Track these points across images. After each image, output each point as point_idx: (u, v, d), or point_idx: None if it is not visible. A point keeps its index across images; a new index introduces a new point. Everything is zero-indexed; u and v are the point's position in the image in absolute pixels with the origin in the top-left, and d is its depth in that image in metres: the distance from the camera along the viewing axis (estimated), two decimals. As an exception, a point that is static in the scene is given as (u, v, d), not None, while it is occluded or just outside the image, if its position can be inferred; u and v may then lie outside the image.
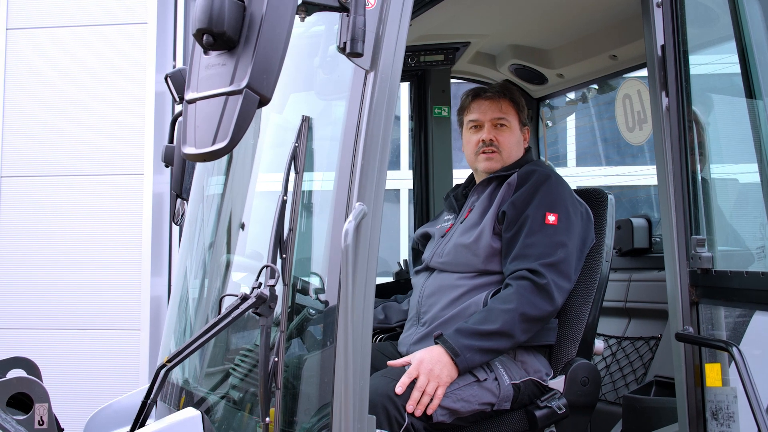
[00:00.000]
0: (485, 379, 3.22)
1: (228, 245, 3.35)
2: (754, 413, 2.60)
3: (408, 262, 5.00)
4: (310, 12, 2.46)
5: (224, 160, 3.44)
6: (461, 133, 3.89)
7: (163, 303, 8.06)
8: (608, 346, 4.68)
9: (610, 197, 3.74)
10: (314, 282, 2.78)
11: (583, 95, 5.21)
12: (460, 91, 3.98)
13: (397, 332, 3.84)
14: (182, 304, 3.57)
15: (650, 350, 4.40)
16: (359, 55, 2.49)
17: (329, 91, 3.02)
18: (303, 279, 2.79)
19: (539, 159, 5.25)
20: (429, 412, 3.07)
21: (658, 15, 3.19)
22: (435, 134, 5.12)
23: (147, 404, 2.78)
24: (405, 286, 4.26)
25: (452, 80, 5.20)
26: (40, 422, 2.67)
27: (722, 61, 3.27)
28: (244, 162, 3.35)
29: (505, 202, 3.53)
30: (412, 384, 3.07)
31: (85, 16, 8.18)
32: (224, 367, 3.12)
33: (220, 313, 2.63)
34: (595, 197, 3.73)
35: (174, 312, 3.63)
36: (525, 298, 3.25)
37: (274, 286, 2.52)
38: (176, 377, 3.30)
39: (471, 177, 3.93)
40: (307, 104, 3.08)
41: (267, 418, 2.53)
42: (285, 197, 2.64)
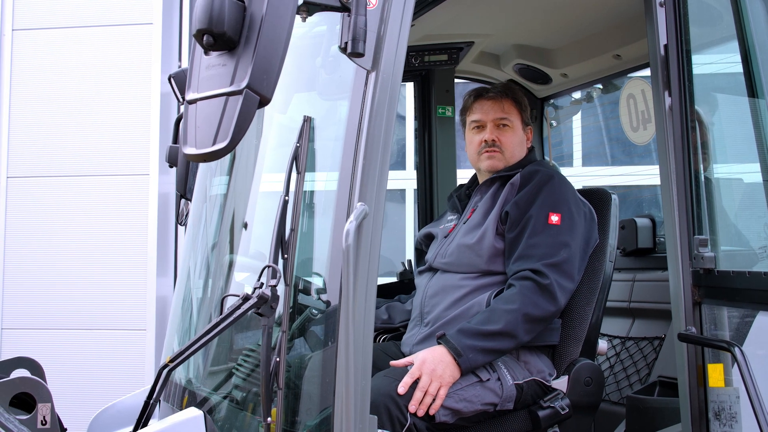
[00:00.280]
0: (488, 380, 3.22)
1: (230, 245, 3.35)
2: (756, 414, 2.60)
3: (412, 262, 5.00)
4: (312, 12, 2.45)
5: (226, 161, 3.44)
6: (464, 133, 3.88)
7: (168, 303, 8.06)
8: (612, 347, 4.67)
9: (614, 197, 3.73)
10: (316, 282, 2.78)
11: (587, 95, 5.20)
12: (465, 91, 3.98)
13: (400, 332, 3.84)
14: (185, 304, 3.58)
15: (654, 350, 4.39)
16: (360, 55, 2.48)
17: (331, 91, 3.01)
18: (305, 279, 2.79)
19: (543, 159, 5.25)
20: (431, 412, 3.06)
21: (660, 14, 3.18)
22: (439, 134, 5.12)
23: (149, 404, 2.78)
24: (409, 286, 4.25)
25: (456, 80, 5.20)
26: (43, 422, 2.67)
27: (725, 61, 3.26)
28: (246, 162, 3.35)
29: (508, 203, 3.52)
30: (414, 384, 3.06)
31: (90, 17, 8.19)
32: (227, 367, 3.12)
33: (221, 314, 2.63)
34: (598, 197, 3.72)
35: (177, 312, 3.63)
36: (528, 298, 3.24)
37: (275, 286, 2.52)
38: (179, 377, 3.31)
39: (474, 177, 3.92)
40: (309, 104, 3.08)
41: (269, 418, 2.53)
42: (286, 197, 2.64)
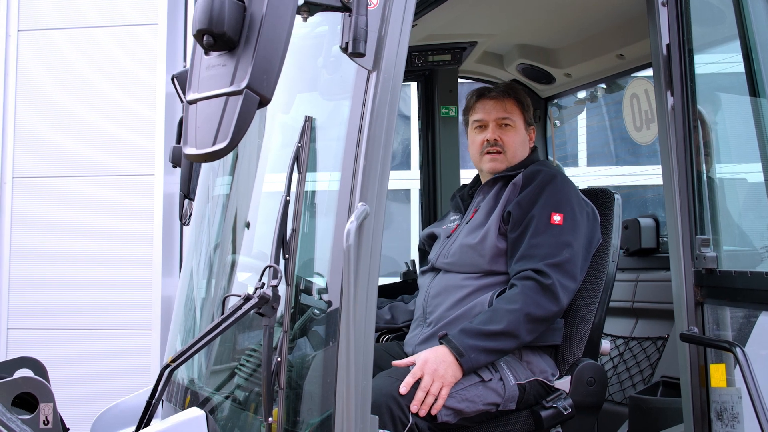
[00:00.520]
0: (490, 380, 3.21)
1: (231, 246, 3.35)
2: (757, 414, 2.59)
3: (416, 262, 5.00)
4: (313, 12, 2.45)
5: (228, 161, 3.44)
6: (467, 133, 3.88)
7: (173, 303, 8.07)
8: (616, 347, 4.67)
9: (617, 197, 3.72)
10: (317, 282, 2.78)
11: (591, 95, 5.19)
12: (468, 91, 3.97)
13: (403, 332, 3.84)
14: (187, 303, 3.58)
15: (657, 350, 4.38)
16: (361, 55, 2.47)
17: (332, 91, 3.01)
18: (306, 279, 2.79)
19: (545, 159, 5.24)
20: (433, 412, 3.06)
21: (663, 14, 3.18)
22: (442, 134, 5.12)
23: (151, 404, 2.79)
24: (412, 286, 4.25)
25: (460, 80, 5.19)
26: (45, 422, 2.68)
27: (728, 61, 3.25)
28: (247, 163, 3.36)
29: (510, 203, 3.51)
30: (416, 384, 3.06)
31: (95, 18, 8.20)
32: (229, 367, 3.12)
33: (223, 314, 2.64)
34: (601, 197, 3.72)
35: (179, 312, 3.64)
36: (530, 298, 3.24)
37: (276, 286, 2.52)
38: (182, 377, 3.31)
39: (477, 177, 3.92)
40: (310, 104, 3.08)
41: (270, 418, 2.54)
42: (288, 197, 2.64)
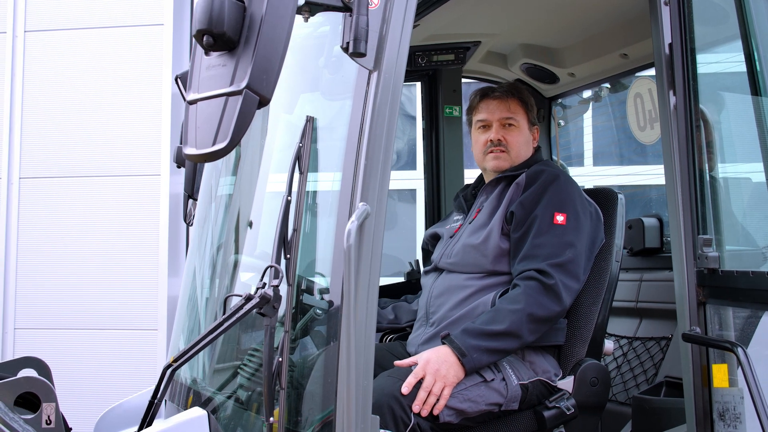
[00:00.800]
0: (492, 380, 3.21)
1: (232, 245, 3.36)
2: (758, 414, 2.58)
3: (420, 262, 5.00)
4: (314, 12, 2.45)
5: (230, 161, 3.45)
6: (470, 133, 3.88)
7: (179, 303, 8.08)
8: (619, 347, 4.66)
9: (620, 197, 3.71)
10: (318, 282, 2.78)
11: (595, 94, 5.18)
12: (472, 91, 3.97)
13: (407, 332, 3.84)
14: (190, 303, 3.59)
15: (661, 350, 4.38)
16: (362, 55, 2.48)
17: (333, 91, 3.01)
18: (307, 279, 2.79)
19: (549, 159, 5.24)
20: (435, 412, 3.06)
21: (665, 13, 3.17)
22: (446, 134, 5.12)
23: (154, 404, 2.79)
24: (416, 286, 4.25)
25: (464, 80, 5.19)
26: (48, 421, 2.69)
27: (730, 60, 3.24)
28: (248, 163, 3.36)
29: (513, 203, 3.51)
30: (418, 384, 3.06)
31: (101, 18, 8.22)
32: (231, 367, 3.13)
33: (224, 314, 2.64)
34: (605, 197, 3.71)
35: (182, 312, 3.65)
36: (533, 298, 3.23)
37: (278, 286, 2.52)
38: (184, 377, 3.32)
39: (480, 177, 3.91)
40: (311, 104, 3.08)
41: (271, 418, 2.54)
42: (289, 197, 2.64)
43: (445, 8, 3.96)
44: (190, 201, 4.24)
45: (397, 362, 3.21)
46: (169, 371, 2.75)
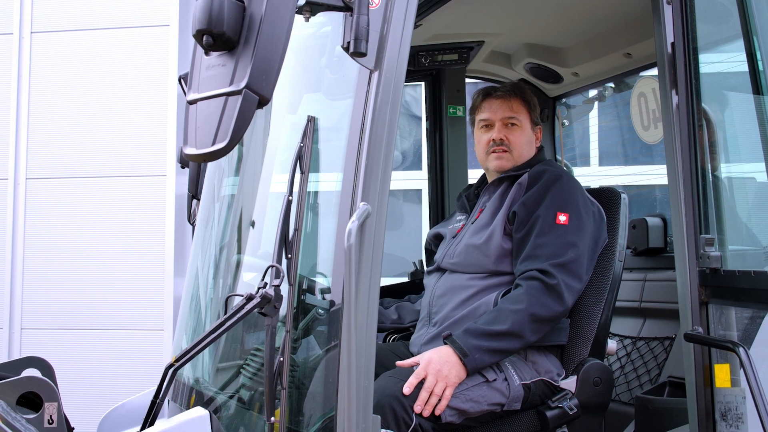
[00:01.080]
0: (494, 380, 3.20)
1: (234, 246, 3.36)
2: (759, 414, 2.57)
3: (424, 262, 5.00)
4: (315, 12, 2.46)
5: (231, 161, 3.45)
6: (473, 133, 3.87)
7: (184, 303, 8.08)
8: (623, 346, 4.65)
9: (624, 196, 3.70)
10: (320, 282, 2.78)
11: (599, 94, 5.17)
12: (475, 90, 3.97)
13: (410, 332, 3.83)
14: (192, 303, 3.60)
15: (664, 350, 4.37)
16: (363, 54, 2.47)
17: (334, 91, 3.02)
18: (308, 279, 2.79)
19: (554, 158, 5.23)
20: (437, 412, 3.06)
21: (667, 12, 3.17)
22: (450, 134, 5.11)
23: (156, 403, 2.80)
24: (419, 286, 4.25)
25: (468, 80, 5.19)
26: (50, 421, 2.69)
27: (733, 59, 3.23)
28: (249, 163, 3.36)
29: (515, 203, 3.50)
30: (420, 384, 3.06)
31: (107, 19, 8.23)
32: (233, 367, 3.13)
33: (226, 313, 2.64)
34: (608, 196, 3.70)
35: (185, 311, 3.65)
36: (535, 298, 3.23)
37: (279, 286, 2.53)
38: (186, 377, 3.32)
39: (483, 177, 3.91)
40: (312, 104, 3.08)
41: (272, 418, 2.54)
42: (290, 197, 2.65)
43: (448, 8, 3.95)
44: (194, 201, 4.24)
45: (398, 362, 3.21)
46: (170, 371, 2.76)
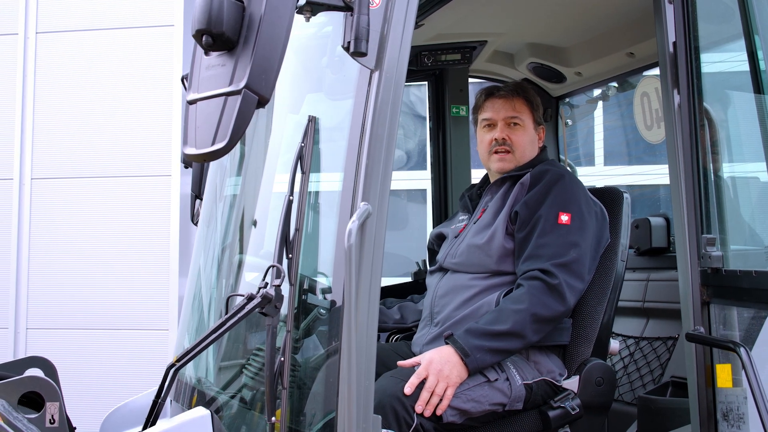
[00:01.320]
0: (496, 380, 3.20)
1: (234, 245, 3.36)
2: (760, 414, 2.57)
3: (426, 262, 4.99)
4: (315, 12, 2.46)
5: (232, 161, 3.45)
6: (476, 132, 3.87)
7: (189, 303, 8.09)
8: (626, 346, 4.64)
9: (626, 196, 3.70)
10: (320, 282, 2.78)
11: (603, 93, 5.16)
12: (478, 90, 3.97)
13: (413, 332, 3.83)
14: (195, 303, 3.60)
15: (668, 350, 4.36)
16: (363, 54, 2.48)
17: (334, 91, 3.02)
18: (309, 279, 2.79)
19: (558, 158, 5.22)
20: (438, 412, 3.05)
21: (669, 11, 3.16)
22: (453, 134, 5.11)
23: (157, 403, 2.80)
24: (423, 286, 4.24)
25: (471, 79, 5.18)
26: (51, 421, 2.69)
27: (734, 59, 3.22)
28: (250, 163, 3.37)
29: (518, 202, 3.50)
30: (421, 384, 3.06)
31: (112, 20, 8.26)
32: (234, 367, 3.13)
33: (227, 313, 2.64)
34: (610, 196, 3.69)
35: (187, 311, 3.66)
36: (536, 298, 3.22)
37: (279, 285, 2.53)
38: (189, 376, 3.33)
39: (486, 177, 3.91)
40: (312, 104, 3.08)
41: (273, 418, 2.54)
42: (291, 197, 2.65)
43: (451, 7, 3.95)
44: (197, 201, 4.24)
45: (400, 362, 3.21)
46: (171, 371, 2.76)
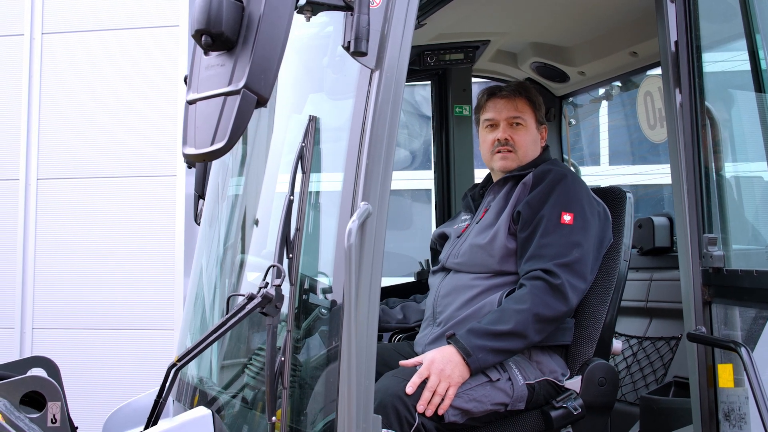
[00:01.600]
0: (498, 380, 3.20)
1: (236, 245, 3.37)
2: (761, 414, 2.56)
3: (429, 262, 4.99)
4: (316, 12, 2.46)
5: (235, 161, 3.46)
6: (478, 132, 3.87)
7: (194, 303, 8.10)
8: (629, 346, 4.63)
9: (629, 196, 3.69)
10: (321, 281, 2.78)
11: (606, 93, 5.15)
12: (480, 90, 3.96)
13: (415, 332, 3.83)
14: (196, 302, 3.61)
15: (671, 350, 4.35)
16: (363, 54, 2.48)
17: (335, 91, 3.02)
18: (310, 278, 2.79)
19: (561, 158, 5.21)
20: (440, 412, 3.05)
21: (671, 10, 3.15)
22: (456, 133, 5.11)
23: (159, 403, 2.81)
24: (426, 286, 4.24)
25: (474, 79, 5.18)
26: (53, 420, 2.70)
27: (736, 58, 3.21)
28: (250, 163, 3.37)
29: (520, 202, 3.49)
30: (423, 384, 3.05)
31: (117, 20, 8.27)
32: (235, 366, 3.14)
33: (227, 313, 2.65)
34: (613, 196, 3.68)
35: (189, 311, 3.66)
36: (539, 298, 3.21)
37: (280, 285, 2.53)
38: (190, 376, 3.33)
39: (488, 176, 3.90)
40: (313, 104, 3.09)
41: (273, 417, 2.54)
42: (291, 197, 2.65)
43: (453, 7, 3.94)
44: (201, 201, 4.25)
45: (401, 362, 3.21)
46: (173, 371, 2.77)
